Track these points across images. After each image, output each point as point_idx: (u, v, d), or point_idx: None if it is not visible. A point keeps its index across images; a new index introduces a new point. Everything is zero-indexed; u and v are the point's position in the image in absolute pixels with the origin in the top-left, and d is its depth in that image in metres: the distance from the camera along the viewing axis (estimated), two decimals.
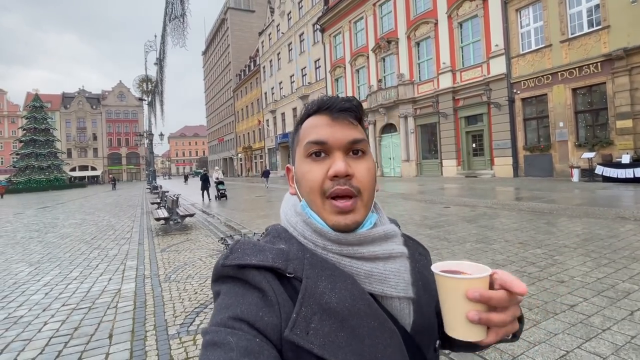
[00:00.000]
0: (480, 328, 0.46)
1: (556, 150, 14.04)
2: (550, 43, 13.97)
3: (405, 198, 11.44)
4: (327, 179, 0.54)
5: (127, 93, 72.64)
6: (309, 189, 0.55)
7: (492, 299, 0.45)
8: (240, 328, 0.44)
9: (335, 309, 0.48)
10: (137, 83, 23.73)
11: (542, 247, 4.78)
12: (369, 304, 0.50)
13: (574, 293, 3.24)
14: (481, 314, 0.45)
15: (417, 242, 0.68)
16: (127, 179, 71.28)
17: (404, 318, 0.54)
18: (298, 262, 0.51)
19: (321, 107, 0.58)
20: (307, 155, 0.56)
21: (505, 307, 0.46)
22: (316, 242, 0.54)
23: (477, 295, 0.45)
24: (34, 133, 45.71)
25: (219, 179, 16.33)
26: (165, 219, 8.53)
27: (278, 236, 0.58)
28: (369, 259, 0.54)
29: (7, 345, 3.10)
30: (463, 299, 0.46)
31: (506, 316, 0.46)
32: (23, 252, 7.10)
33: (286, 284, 0.50)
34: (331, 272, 0.51)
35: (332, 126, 0.56)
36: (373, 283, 0.53)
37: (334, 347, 0.45)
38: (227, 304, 0.47)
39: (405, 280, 0.55)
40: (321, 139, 0.55)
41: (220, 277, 0.51)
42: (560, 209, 7.44)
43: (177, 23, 9.27)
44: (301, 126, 0.61)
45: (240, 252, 0.51)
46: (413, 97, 20.44)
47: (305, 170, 0.56)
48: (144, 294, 4.21)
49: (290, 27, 35.20)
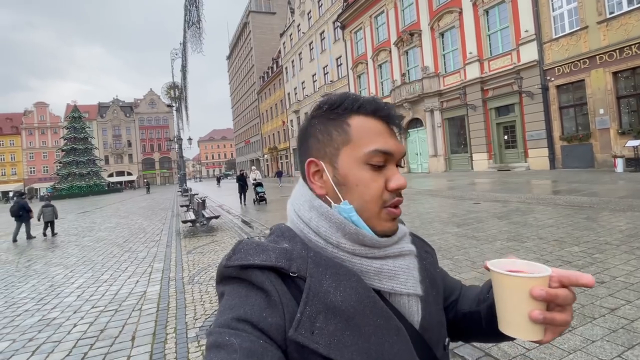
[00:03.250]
0: (540, 327, 0.47)
1: (597, 139, 13.11)
2: (586, 25, 13.05)
3: (432, 195, 11.09)
4: (385, 190, 0.54)
5: (157, 100, 75.54)
6: (369, 198, 0.54)
7: (558, 297, 0.46)
8: (244, 329, 0.44)
9: (340, 308, 0.47)
10: (165, 90, 24.59)
11: (580, 245, 4.44)
12: (375, 301, 0.50)
13: (615, 295, 2.95)
14: (545, 314, 0.45)
15: (423, 240, 0.68)
16: (160, 182, 74.26)
17: (412, 315, 0.55)
18: (301, 260, 0.50)
19: (378, 111, 0.57)
20: (367, 162, 0.54)
21: (568, 305, 0.47)
22: (330, 239, 0.53)
23: (543, 294, 0.45)
24: (74, 142, 48.63)
25: (257, 180, 14.31)
26: (192, 221, 8.73)
27: (281, 235, 0.56)
28: (379, 258, 0.54)
29: (39, 347, 3.24)
30: (526, 298, 0.46)
31: (567, 315, 0.47)
32: (61, 256, 7.49)
33: (290, 283, 0.49)
34: (335, 270, 0.51)
35: (393, 137, 0.57)
36: (382, 280, 0.53)
37: (340, 346, 0.45)
38: (231, 305, 0.47)
39: (414, 277, 0.55)
40: (390, 150, 0.55)
41: (223, 278, 0.51)
42: (601, 202, 6.91)
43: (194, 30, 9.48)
44: (346, 122, 0.56)
45: (243, 252, 0.50)
46: (439, 89, 19.83)
47: (367, 179, 0.54)
48: (168, 296, 4.29)
49: (311, 26, 35.20)
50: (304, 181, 0.61)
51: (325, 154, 0.56)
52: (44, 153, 67.26)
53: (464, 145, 19.19)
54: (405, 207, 9.06)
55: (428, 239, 4.85)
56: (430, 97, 20.15)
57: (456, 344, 2.46)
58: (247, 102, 63.94)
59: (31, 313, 4.14)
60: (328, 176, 0.56)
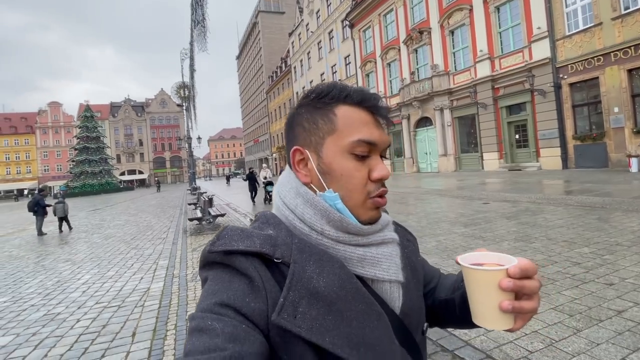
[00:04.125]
0: (509, 316, 0.48)
1: (611, 138, 12.78)
2: (600, 21, 12.72)
3: (441, 194, 10.95)
4: (369, 180, 0.55)
5: (168, 100, 76.46)
6: (353, 187, 0.54)
7: (524, 287, 0.47)
8: (227, 314, 0.44)
9: (323, 293, 0.48)
10: (175, 90, 24.85)
11: (590, 246, 4.31)
12: (357, 287, 0.51)
13: (623, 297, 2.84)
14: (514, 304, 0.47)
15: (405, 229, 0.69)
16: (171, 181, 75.14)
17: (393, 301, 0.56)
18: (286, 247, 0.51)
19: (365, 101, 0.57)
20: (351, 152, 0.55)
21: (534, 294, 0.48)
22: (314, 226, 0.54)
23: (511, 285, 0.47)
24: (86, 141, 49.52)
25: (267, 179, 13.71)
26: (199, 219, 8.78)
27: (266, 222, 0.56)
28: (363, 245, 0.54)
29: (42, 341, 3.28)
30: (495, 290, 0.47)
31: (535, 304, 0.48)
32: (70, 252, 7.61)
33: (274, 269, 0.49)
34: (319, 256, 0.51)
35: (379, 127, 0.57)
36: (365, 266, 0.54)
37: (322, 330, 0.46)
38: (214, 290, 0.47)
39: (396, 264, 0.56)
40: (374, 140, 0.55)
41: (207, 263, 0.51)
42: (614, 202, 6.71)
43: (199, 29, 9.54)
44: (332, 111, 0.56)
45: (228, 238, 0.50)
46: (449, 88, 19.58)
47: (350, 168, 0.55)
48: (170, 293, 4.31)
49: (319, 25, 35.15)
50: (290, 169, 0.61)
51: (311, 142, 0.57)
52: (58, 152, 68.68)
53: (474, 144, 18.92)
54: (413, 207, 8.96)
55: (434, 239, 4.75)
56: (440, 96, 19.92)
57: (457, 346, 2.41)
58: (256, 102, 64.24)
59: (37, 308, 4.20)
60: (313, 165, 0.56)
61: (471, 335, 2.51)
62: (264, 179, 13.93)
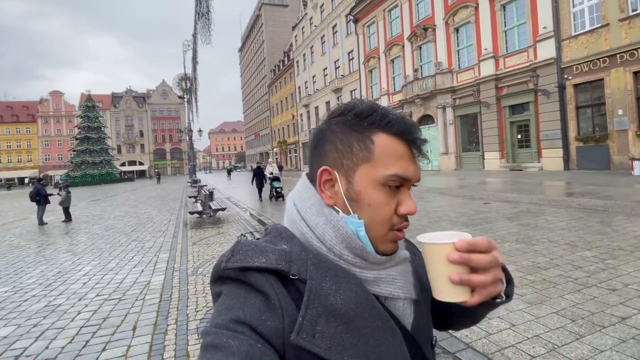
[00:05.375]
0: (463, 289, 0.49)
1: (614, 141, 12.74)
2: (607, 22, 12.62)
3: (441, 193, 10.93)
4: (395, 214, 0.54)
5: (170, 91, 76.11)
6: (380, 219, 0.53)
7: (470, 260, 0.48)
8: (242, 332, 0.43)
9: (341, 310, 0.47)
10: (177, 81, 24.73)
11: (592, 249, 4.30)
12: (373, 304, 0.51)
13: (627, 303, 2.84)
14: (462, 275, 0.48)
15: (411, 243, 0.69)
16: (171, 173, 75.15)
17: (405, 318, 0.56)
18: (301, 263, 0.50)
19: (405, 133, 0.55)
20: (383, 184, 0.53)
21: (485, 268, 0.49)
22: (333, 249, 0.53)
23: (457, 257, 0.48)
24: (87, 131, 49.44)
25: (274, 174, 13.13)
26: (199, 213, 8.78)
27: (279, 236, 0.55)
28: (377, 270, 0.55)
29: (42, 333, 3.28)
30: (445, 263, 0.49)
31: (486, 277, 0.48)
32: (70, 243, 7.62)
33: (289, 286, 0.49)
34: (335, 272, 0.51)
35: (414, 162, 0.56)
36: (381, 285, 0.54)
37: (340, 348, 0.45)
38: (229, 305, 0.46)
39: (410, 281, 0.57)
40: (409, 176, 0.54)
41: (220, 277, 0.50)
42: (616, 205, 6.70)
43: (204, 21, 9.45)
44: (370, 137, 0.54)
45: (242, 253, 0.49)
46: (452, 86, 19.49)
47: (380, 201, 0.53)
48: (171, 287, 4.31)
49: (323, 19, 34.89)
50: (310, 183, 0.58)
51: (342, 165, 0.55)
52: (59, 141, 68.58)
53: (475, 143, 18.87)
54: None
55: None
56: (442, 94, 19.83)
57: (458, 349, 2.41)
58: (258, 95, 63.99)
59: (38, 299, 4.21)
60: (340, 189, 0.54)
61: (472, 338, 2.51)
62: (270, 174, 13.41)
